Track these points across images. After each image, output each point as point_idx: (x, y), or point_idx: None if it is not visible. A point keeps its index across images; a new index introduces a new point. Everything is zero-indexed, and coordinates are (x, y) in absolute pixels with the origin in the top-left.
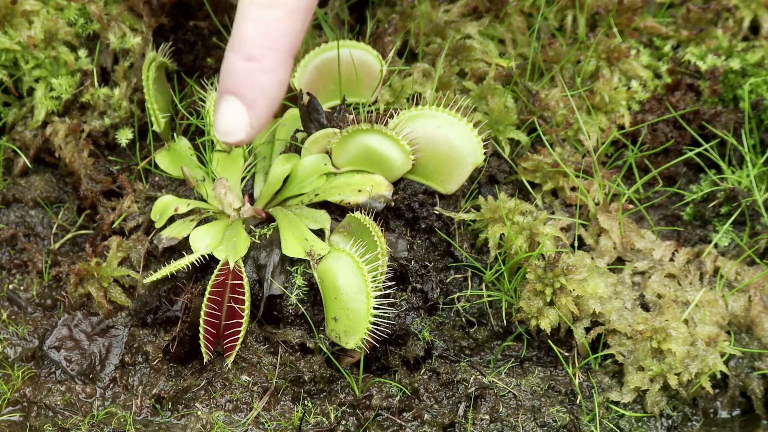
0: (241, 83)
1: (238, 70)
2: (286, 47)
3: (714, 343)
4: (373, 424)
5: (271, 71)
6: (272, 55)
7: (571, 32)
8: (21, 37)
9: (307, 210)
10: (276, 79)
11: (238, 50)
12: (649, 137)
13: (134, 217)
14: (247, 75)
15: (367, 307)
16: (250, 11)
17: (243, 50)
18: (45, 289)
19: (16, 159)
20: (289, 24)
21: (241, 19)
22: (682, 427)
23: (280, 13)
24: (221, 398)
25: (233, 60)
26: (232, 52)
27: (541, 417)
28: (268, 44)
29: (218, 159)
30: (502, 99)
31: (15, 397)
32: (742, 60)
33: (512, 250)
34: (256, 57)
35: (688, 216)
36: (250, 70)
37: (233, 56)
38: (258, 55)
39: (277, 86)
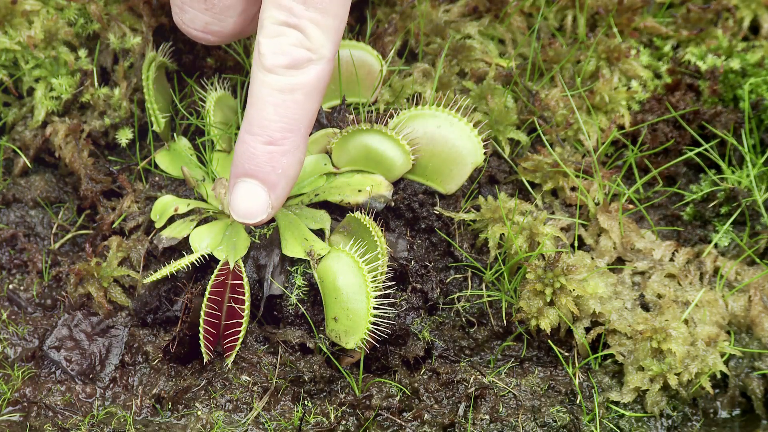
0: (262, 166)
1: (259, 154)
2: (305, 128)
3: (714, 343)
4: (373, 424)
5: (292, 153)
6: (293, 138)
7: (571, 32)
8: (21, 37)
9: (307, 210)
10: (297, 160)
11: (259, 134)
12: (649, 137)
13: (134, 217)
14: (269, 158)
15: (367, 307)
16: (269, 96)
17: (264, 134)
18: (45, 289)
19: (16, 159)
20: (308, 105)
21: (260, 103)
22: (682, 427)
23: (300, 96)
24: (221, 398)
25: (253, 144)
26: (251, 135)
27: (541, 417)
28: (289, 127)
29: (218, 159)
30: (502, 99)
31: (15, 397)
32: (742, 60)
33: (512, 250)
34: (277, 140)
35: (688, 216)
36: (272, 153)
37: (253, 140)
38: (279, 138)
39: (297, 166)
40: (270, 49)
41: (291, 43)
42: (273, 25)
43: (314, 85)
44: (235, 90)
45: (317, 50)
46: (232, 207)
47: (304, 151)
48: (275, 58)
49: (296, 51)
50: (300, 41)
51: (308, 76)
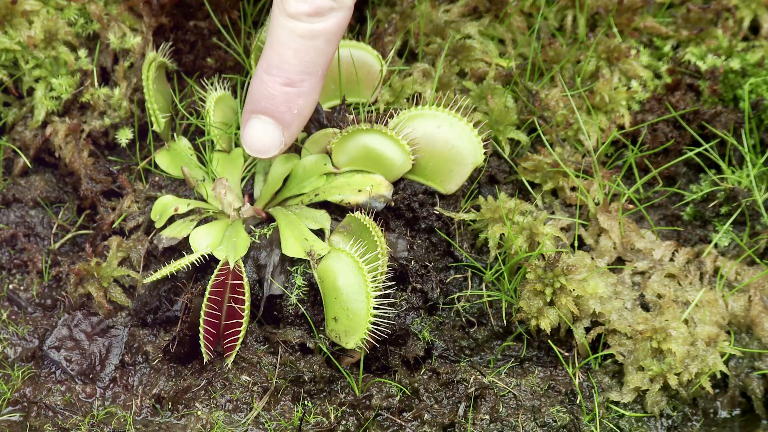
0: (278, 106)
1: (277, 93)
2: (323, 71)
3: (714, 343)
4: (373, 424)
5: (308, 94)
6: (310, 80)
7: (571, 32)
8: (21, 37)
9: (307, 210)
10: (312, 101)
11: (278, 75)
12: (649, 137)
13: (134, 217)
14: (286, 98)
15: (367, 307)
16: (290, 41)
17: (282, 75)
18: (45, 289)
19: (16, 159)
20: (327, 50)
21: (281, 47)
22: (682, 427)
23: (321, 42)
24: (221, 398)
25: (271, 83)
26: (269, 76)
27: (541, 417)
28: (308, 70)
29: (218, 159)
30: (502, 99)
31: (15, 397)
32: (742, 60)
33: (512, 250)
34: (296, 82)
35: (688, 216)
36: (289, 93)
37: (271, 80)
38: (298, 81)
39: (312, 107)
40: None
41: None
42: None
43: (335, 31)
44: (235, 90)
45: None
46: (245, 141)
47: (318, 93)
48: (299, 5)
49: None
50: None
51: (330, 23)
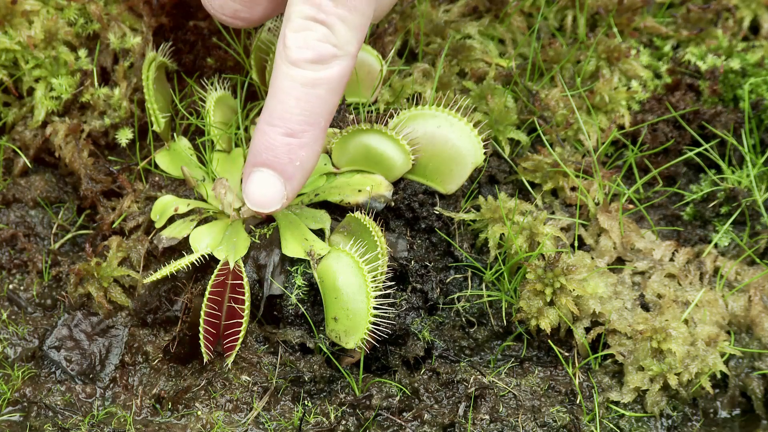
0: (280, 158)
1: (278, 145)
2: (326, 122)
3: (714, 343)
4: (373, 424)
5: (311, 146)
6: (313, 131)
7: (571, 32)
8: (21, 37)
9: (307, 210)
10: (315, 153)
11: (279, 125)
12: (649, 137)
13: (134, 217)
14: (288, 150)
15: (367, 307)
16: (292, 89)
17: (284, 126)
18: (45, 289)
19: (16, 159)
20: (330, 100)
21: (282, 95)
22: (682, 427)
23: (323, 91)
24: (221, 398)
25: (272, 134)
26: (271, 126)
27: (541, 417)
28: (310, 120)
29: (218, 159)
30: (502, 99)
31: (15, 397)
32: (742, 60)
33: (512, 250)
34: (297, 133)
35: (688, 216)
36: (291, 144)
37: (272, 131)
38: (299, 131)
39: (314, 159)
40: (296, 43)
41: (317, 38)
42: (300, 19)
43: (338, 80)
44: (235, 90)
45: (343, 46)
46: (246, 195)
47: (321, 145)
48: (301, 52)
49: (322, 46)
50: (326, 37)
51: (332, 71)
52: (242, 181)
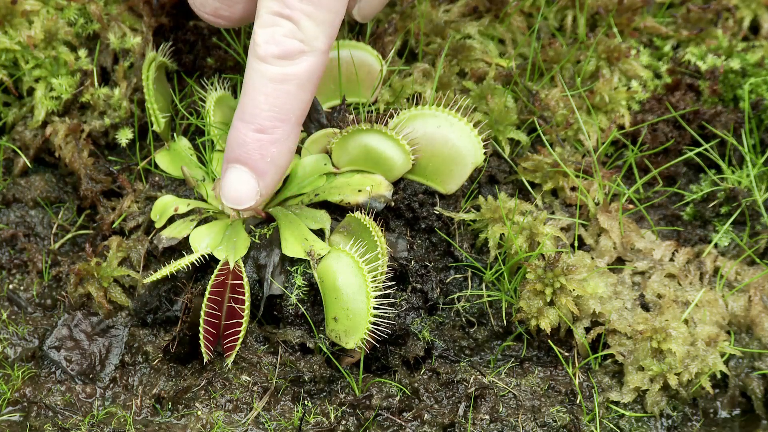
0: (251, 154)
1: (249, 141)
2: (297, 118)
3: (714, 343)
4: (373, 424)
5: (282, 142)
6: (283, 127)
7: (571, 32)
8: (21, 37)
9: (307, 210)
10: (287, 149)
11: (250, 121)
12: (649, 137)
13: (134, 217)
14: (259, 146)
15: (367, 307)
16: (261, 85)
17: (254, 122)
18: (45, 289)
19: (16, 159)
20: (300, 96)
21: (253, 92)
22: (682, 427)
23: (292, 87)
24: (221, 398)
25: (244, 130)
26: (242, 123)
27: (541, 417)
28: (279, 116)
29: (218, 159)
30: (502, 99)
31: (15, 397)
32: (742, 60)
33: (512, 250)
34: (267, 129)
35: (688, 216)
36: (262, 141)
37: (244, 127)
38: (269, 127)
39: (288, 155)
40: (263, 39)
41: (284, 33)
42: (268, 14)
43: (306, 76)
44: (235, 90)
45: (310, 42)
46: (222, 192)
47: (295, 141)
48: (268, 47)
49: (288, 42)
50: (292, 32)
51: (300, 67)
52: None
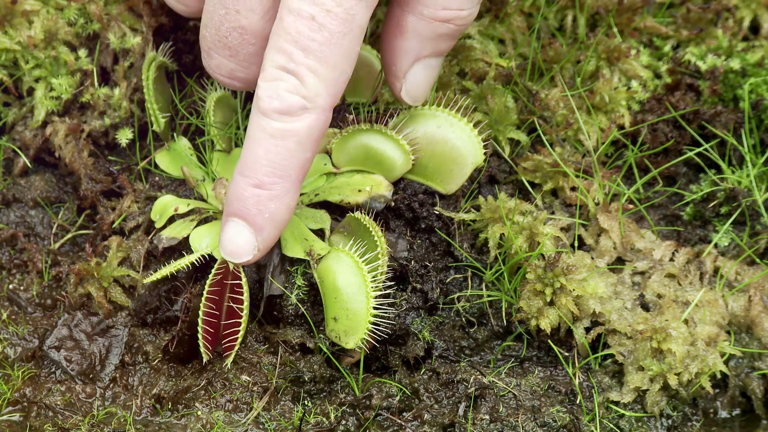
0: (249, 209)
1: (247, 196)
2: (297, 175)
3: (714, 343)
4: (373, 424)
5: (281, 198)
6: (282, 183)
7: (571, 32)
8: (21, 37)
9: (307, 210)
10: (285, 205)
11: (249, 176)
12: (649, 137)
13: (134, 217)
14: (257, 201)
15: (367, 307)
16: (262, 139)
17: (253, 177)
18: (45, 289)
19: (16, 159)
20: (299, 154)
21: (253, 145)
22: (682, 427)
23: (291, 144)
24: (221, 398)
25: (243, 185)
26: (242, 176)
27: (541, 417)
28: (279, 173)
29: (218, 159)
30: (502, 99)
31: (15, 397)
32: (742, 60)
33: (512, 250)
34: (265, 185)
35: (688, 216)
36: (260, 196)
37: (243, 181)
38: (268, 183)
39: (287, 212)
40: (266, 93)
41: (286, 88)
42: (272, 68)
43: (306, 133)
44: (235, 90)
45: (312, 99)
46: (220, 244)
47: (294, 198)
48: (270, 102)
49: (291, 97)
50: (296, 88)
51: (301, 124)
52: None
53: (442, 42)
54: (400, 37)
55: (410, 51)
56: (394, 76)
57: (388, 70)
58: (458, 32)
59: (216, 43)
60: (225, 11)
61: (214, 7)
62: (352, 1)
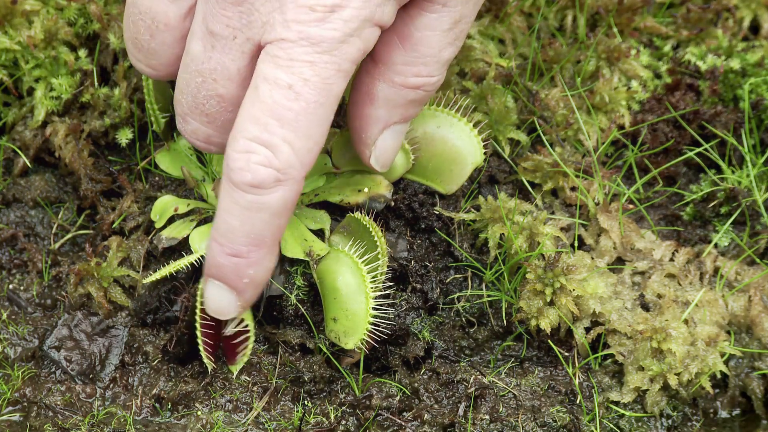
0: (228, 275)
1: (225, 264)
2: (272, 241)
3: (714, 343)
4: (373, 424)
5: (258, 264)
6: (258, 251)
7: (571, 32)
8: (21, 37)
9: (306, 210)
10: (264, 269)
11: (225, 244)
12: (649, 137)
13: (134, 217)
14: (235, 269)
15: (366, 307)
16: (234, 210)
17: (229, 246)
18: (45, 289)
19: (16, 159)
20: (274, 222)
21: (227, 215)
22: (682, 427)
23: (266, 216)
24: (221, 398)
25: (219, 252)
26: (218, 244)
27: (541, 417)
28: (255, 242)
29: (218, 159)
30: (502, 99)
31: (15, 397)
32: (742, 60)
33: (512, 250)
34: (242, 253)
35: (688, 216)
36: (238, 264)
37: (219, 249)
38: (245, 252)
39: (266, 274)
40: (237, 164)
41: (258, 161)
42: (244, 139)
43: (280, 206)
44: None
45: (285, 171)
46: (204, 300)
47: (273, 260)
48: (242, 174)
49: (263, 171)
50: (268, 160)
51: (274, 196)
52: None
53: (411, 108)
54: (371, 106)
55: (380, 119)
56: (364, 144)
57: (357, 138)
58: (427, 98)
59: (193, 109)
60: (202, 79)
61: (191, 75)
62: (331, 71)
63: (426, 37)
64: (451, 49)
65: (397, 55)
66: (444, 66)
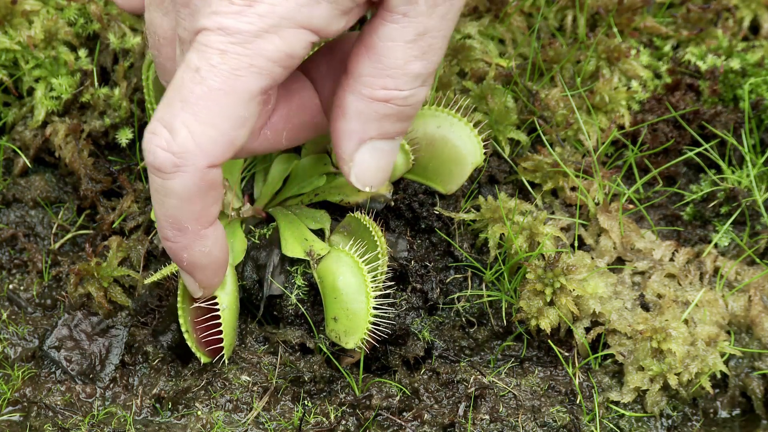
0: (172, 256)
1: (166, 247)
2: (194, 227)
3: (714, 343)
4: (373, 424)
5: (190, 247)
6: (183, 236)
7: (571, 32)
8: (21, 37)
9: (307, 210)
10: (199, 252)
11: (159, 228)
12: (649, 137)
13: (134, 217)
14: (173, 252)
15: (367, 307)
16: (152, 194)
17: (160, 230)
18: (45, 289)
19: (16, 159)
20: (187, 208)
21: (152, 198)
22: (682, 427)
23: (174, 201)
24: (221, 398)
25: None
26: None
27: (541, 417)
28: (175, 226)
29: None
30: (502, 99)
31: (15, 397)
32: (742, 60)
33: (512, 250)
34: (170, 238)
35: (688, 216)
36: (172, 248)
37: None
38: (171, 236)
39: (204, 257)
40: (145, 145)
41: (158, 144)
42: (154, 119)
43: (184, 193)
44: None
45: (183, 156)
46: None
47: (206, 244)
48: (147, 156)
49: (162, 154)
50: (168, 144)
51: (176, 183)
52: None
53: (388, 123)
54: (343, 119)
55: (353, 132)
56: (341, 159)
57: (336, 153)
58: (403, 114)
59: None
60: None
61: None
62: (242, 63)
63: (389, 47)
64: (421, 63)
65: (364, 66)
66: (414, 80)
